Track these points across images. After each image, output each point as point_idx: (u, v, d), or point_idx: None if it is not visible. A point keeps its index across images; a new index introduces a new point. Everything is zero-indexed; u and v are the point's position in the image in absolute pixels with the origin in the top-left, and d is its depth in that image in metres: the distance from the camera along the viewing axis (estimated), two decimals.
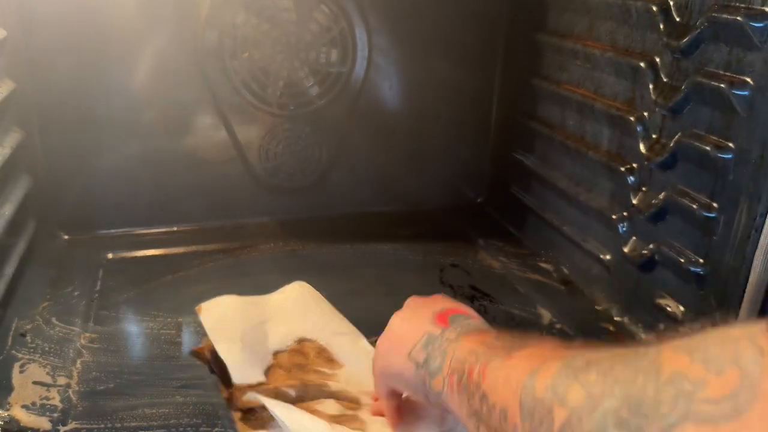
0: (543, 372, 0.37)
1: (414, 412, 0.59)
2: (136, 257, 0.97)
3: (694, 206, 0.67)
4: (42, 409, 0.63)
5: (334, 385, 0.66)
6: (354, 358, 0.70)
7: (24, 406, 0.63)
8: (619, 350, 0.35)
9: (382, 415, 0.60)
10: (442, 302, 0.57)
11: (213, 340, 0.70)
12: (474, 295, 0.89)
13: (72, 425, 0.62)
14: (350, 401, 0.63)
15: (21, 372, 0.69)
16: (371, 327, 0.80)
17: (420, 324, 0.53)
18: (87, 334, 0.77)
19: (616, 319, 0.82)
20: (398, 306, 0.85)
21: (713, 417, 0.27)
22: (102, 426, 0.62)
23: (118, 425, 0.62)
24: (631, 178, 0.78)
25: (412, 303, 0.59)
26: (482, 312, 0.84)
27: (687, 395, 0.28)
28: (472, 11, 1.07)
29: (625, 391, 0.30)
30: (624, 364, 0.33)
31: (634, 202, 0.78)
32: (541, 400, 0.35)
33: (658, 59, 0.73)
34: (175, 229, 1.04)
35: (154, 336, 0.77)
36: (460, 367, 0.46)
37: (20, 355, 0.72)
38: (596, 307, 0.85)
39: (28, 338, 0.75)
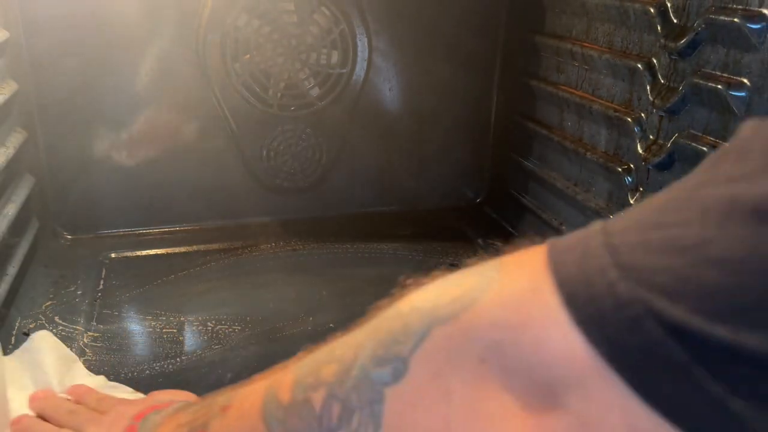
0: (279, 386, 0.35)
1: None
2: (138, 257, 0.97)
3: None
4: None
5: None
6: None
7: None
8: (360, 325, 0.35)
9: None
10: (131, 409, 0.54)
11: None
12: None
13: None
14: None
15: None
16: None
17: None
18: (90, 333, 0.77)
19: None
20: None
21: (451, 314, 0.29)
22: None
23: None
24: (629, 179, 0.79)
25: (105, 419, 0.54)
26: None
27: (429, 310, 0.30)
28: (471, 13, 1.07)
29: (375, 338, 0.31)
30: (364, 328, 0.34)
31: (632, 202, 0.78)
32: (290, 403, 0.34)
33: (655, 61, 0.74)
34: (176, 229, 1.04)
35: (157, 335, 0.78)
36: None
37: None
38: None
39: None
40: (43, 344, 0.67)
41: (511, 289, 0.28)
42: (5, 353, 0.71)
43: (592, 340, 0.24)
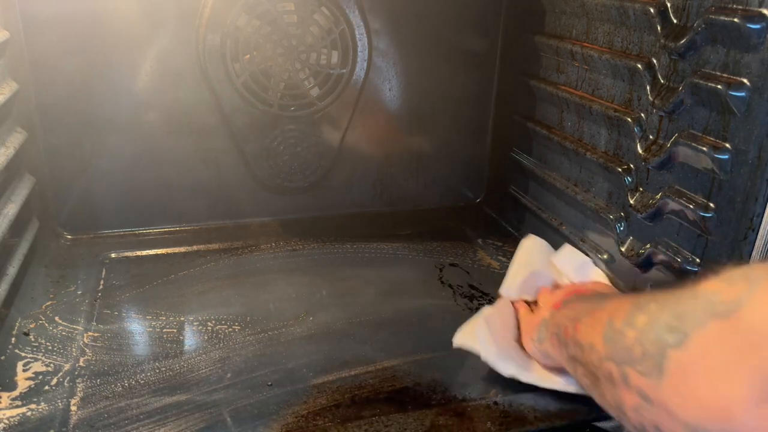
0: (617, 314, 0.50)
1: None
2: (138, 257, 0.97)
3: (691, 206, 0.68)
4: (45, 408, 0.64)
5: None
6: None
7: (27, 405, 0.64)
8: (679, 290, 0.46)
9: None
10: (564, 290, 0.75)
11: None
12: (473, 294, 0.90)
13: (76, 425, 0.62)
14: None
15: (24, 370, 0.70)
16: (372, 325, 0.81)
17: (539, 314, 0.72)
18: (90, 333, 0.77)
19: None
20: (397, 305, 0.86)
21: (725, 312, 0.39)
22: (104, 424, 0.62)
23: (121, 424, 0.62)
24: (629, 179, 0.79)
25: (556, 292, 0.75)
26: None
27: (710, 303, 0.40)
28: (471, 14, 1.07)
29: (673, 311, 0.43)
30: (674, 295, 0.45)
31: (632, 202, 0.78)
32: (617, 329, 0.48)
33: (655, 61, 0.74)
34: (177, 228, 1.04)
35: (157, 335, 0.78)
36: (557, 331, 0.62)
37: (23, 354, 0.72)
38: None
39: (32, 337, 0.76)
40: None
41: None
42: (4, 353, 0.71)
43: None
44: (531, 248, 0.87)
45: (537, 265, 0.84)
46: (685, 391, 0.41)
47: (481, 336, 0.72)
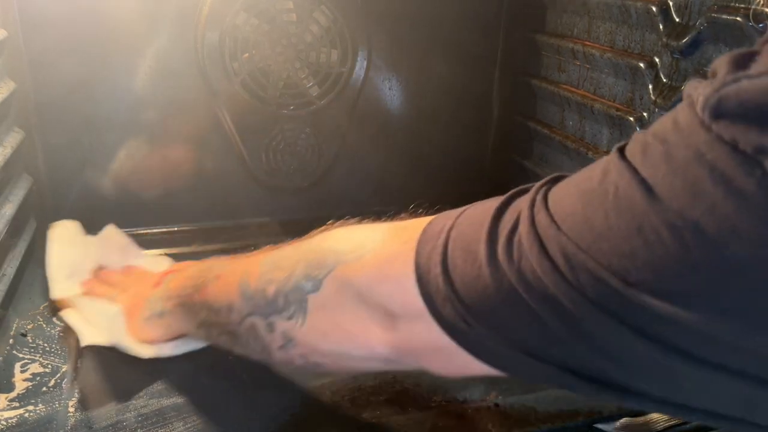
0: (250, 273, 0.55)
1: None
2: None
3: None
4: (43, 409, 0.63)
5: None
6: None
7: (25, 406, 0.64)
8: (295, 243, 0.55)
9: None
10: (157, 274, 0.77)
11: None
12: None
13: (74, 426, 0.62)
14: None
15: (22, 372, 0.69)
16: None
17: (142, 294, 0.73)
18: None
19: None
20: None
21: (349, 260, 0.48)
22: (103, 426, 0.62)
23: (119, 426, 0.62)
24: None
25: (139, 283, 0.78)
26: None
27: (337, 252, 0.49)
28: (471, 12, 1.07)
29: (306, 260, 0.51)
30: (301, 249, 0.53)
31: None
32: (255, 288, 0.53)
33: (657, 60, 0.73)
34: (175, 229, 1.04)
35: None
36: (180, 299, 0.64)
37: (21, 355, 0.72)
38: None
39: (29, 338, 0.75)
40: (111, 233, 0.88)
41: (387, 253, 0.46)
42: (3, 354, 0.71)
43: (425, 302, 0.42)
44: (62, 236, 0.85)
45: (78, 251, 0.84)
46: (325, 326, 0.49)
47: (109, 332, 0.72)
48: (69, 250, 0.83)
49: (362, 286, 0.47)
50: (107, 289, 0.78)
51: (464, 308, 0.39)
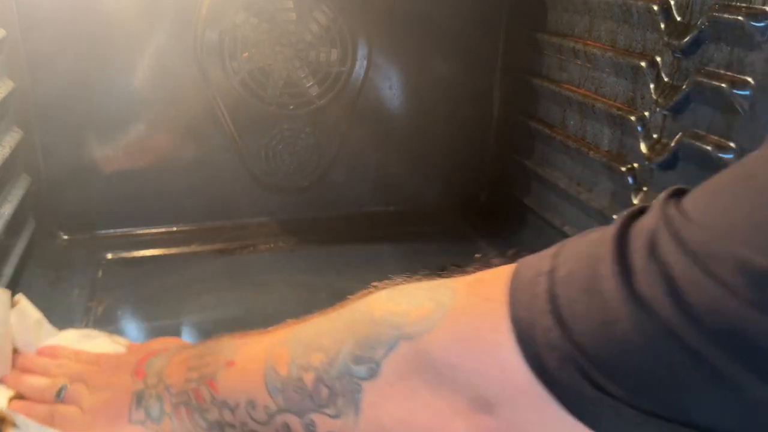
0: (277, 357, 0.44)
1: None
2: (135, 257, 0.96)
3: None
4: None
5: None
6: None
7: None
8: (331, 313, 0.45)
9: None
10: (131, 357, 0.58)
11: None
12: None
13: None
14: None
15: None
16: None
17: (121, 389, 0.54)
18: None
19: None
20: None
21: (415, 333, 0.38)
22: None
23: None
24: (632, 179, 0.78)
25: (103, 375, 0.57)
26: None
27: (396, 325, 0.39)
28: (472, 11, 1.06)
29: (354, 338, 0.40)
30: (343, 321, 0.43)
31: (635, 202, 0.77)
32: (287, 377, 0.42)
33: (658, 59, 0.73)
34: (174, 229, 1.04)
35: (154, 336, 0.77)
36: (184, 397, 0.50)
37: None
38: None
39: None
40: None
41: (467, 318, 0.37)
42: None
43: (534, 368, 0.32)
44: None
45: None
46: (388, 422, 0.38)
47: None
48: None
49: (439, 368, 0.37)
50: (45, 387, 0.57)
51: (594, 366, 0.30)
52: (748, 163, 0.29)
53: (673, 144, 0.70)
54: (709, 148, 0.64)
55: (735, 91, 0.61)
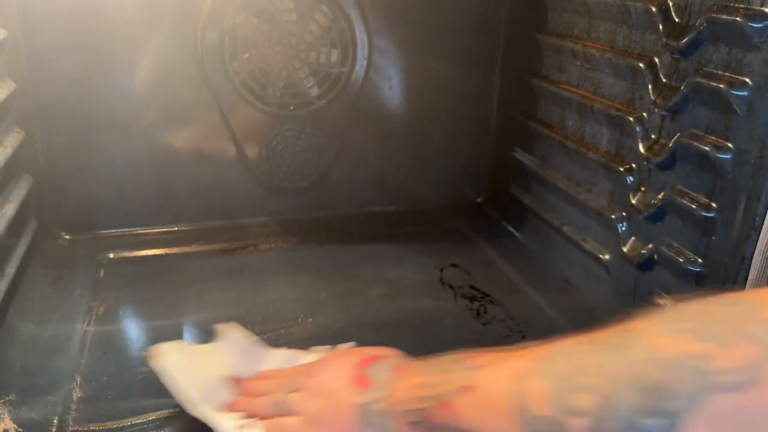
0: (529, 392, 0.38)
1: None
2: (136, 257, 0.97)
3: (693, 206, 0.67)
4: (44, 410, 0.64)
5: None
6: None
7: (26, 407, 0.64)
8: (587, 342, 0.38)
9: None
10: (346, 360, 0.56)
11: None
12: (474, 295, 0.89)
13: (74, 426, 0.62)
14: None
15: (22, 371, 0.69)
16: (371, 327, 0.81)
17: (345, 399, 0.51)
18: (88, 334, 0.77)
19: (615, 318, 0.82)
20: (397, 306, 0.85)
21: (734, 386, 0.29)
22: (104, 426, 0.62)
23: (120, 425, 0.62)
24: (630, 179, 0.78)
25: (318, 379, 0.56)
26: (482, 312, 0.85)
27: (700, 370, 0.30)
28: (471, 12, 1.07)
29: (638, 383, 0.32)
30: (613, 357, 0.35)
31: (633, 202, 0.78)
32: (547, 417, 0.36)
33: (657, 60, 0.73)
34: (175, 228, 1.04)
35: (155, 336, 0.78)
36: (415, 417, 0.46)
37: (21, 355, 0.72)
38: (595, 306, 0.85)
39: (29, 338, 0.75)
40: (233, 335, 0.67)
41: None
42: (2, 355, 0.71)
43: None
44: (173, 357, 0.64)
45: (200, 367, 0.63)
46: None
47: None
48: (190, 370, 0.63)
49: None
50: (268, 404, 0.58)
51: None
52: None
53: (671, 144, 0.71)
54: (707, 148, 0.65)
55: (733, 91, 0.61)
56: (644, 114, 0.76)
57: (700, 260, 0.68)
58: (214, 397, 0.60)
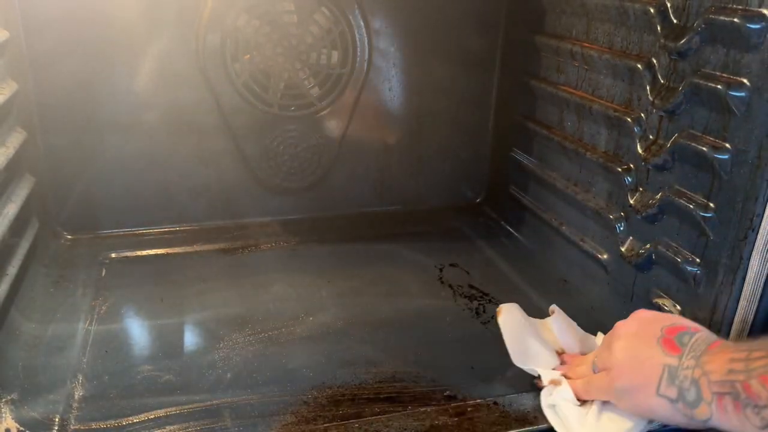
0: None
1: None
2: (138, 257, 0.97)
3: (691, 206, 0.68)
4: (46, 409, 0.64)
5: None
6: None
7: (28, 406, 0.64)
8: None
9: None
10: (657, 323, 0.59)
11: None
12: (473, 295, 0.90)
13: (76, 425, 0.62)
14: None
15: (24, 370, 0.69)
16: (371, 326, 0.81)
17: (651, 356, 0.56)
18: (90, 333, 0.77)
19: (613, 318, 0.82)
20: (397, 306, 0.86)
21: None
22: (105, 425, 0.62)
23: (122, 424, 0.63)
24: (629, 179, 0.79)
25: (630, 331, 0.60)
26: (481, 311, 0.85)
27: None
28: (471, 13, 1.07)
29: None
30: None
31: (631, 202, 0.78)
32: None
33: (655, 61, 0.74)
34: (176, 228, 1.05)
35: (156, 335, 0.78)
36: (729, 389, 0.49)
37: (24, 354, 0.72)
38: (593, 306, 0.85)
39: (32, 337, 0.75)
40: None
41: None
42: (4, 353, 0.71)
43: None
44: (511, 319, 0.77)
45: (531, 332, 0.76)
46: None
47: None
48: (523, 331, 0.75)
49: None
50: (583, 368, 0.66)
51: None
52: None
53: (669, 145, 0.71)
54: (705, 149, 0.65)
55: (731, 92, 0.62)
56: (642, 115, 0.76)
57: (697, 260, 0.68)
58: (543, 359, 0.71)
